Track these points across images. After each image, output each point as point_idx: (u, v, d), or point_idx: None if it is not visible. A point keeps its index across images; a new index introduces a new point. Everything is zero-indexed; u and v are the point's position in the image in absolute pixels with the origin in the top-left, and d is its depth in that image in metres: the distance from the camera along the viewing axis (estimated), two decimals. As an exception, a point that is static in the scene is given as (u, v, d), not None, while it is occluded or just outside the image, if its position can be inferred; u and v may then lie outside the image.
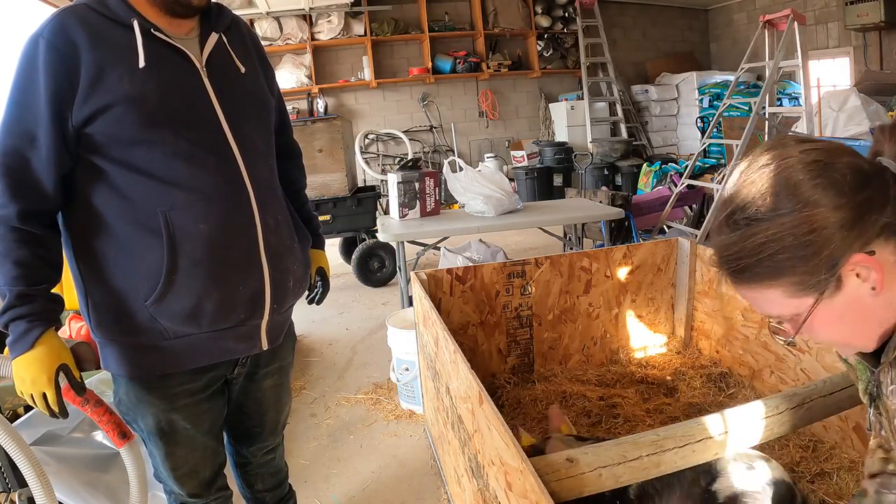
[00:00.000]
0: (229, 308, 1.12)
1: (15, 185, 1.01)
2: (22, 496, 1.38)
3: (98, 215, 1.07)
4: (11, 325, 1.03)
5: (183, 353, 1.13)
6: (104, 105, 1.01)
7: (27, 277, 1.03)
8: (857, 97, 4.84)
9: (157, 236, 1.05)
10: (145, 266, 1.06)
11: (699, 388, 2.23)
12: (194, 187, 1.07)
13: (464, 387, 1.39)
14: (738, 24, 7.50)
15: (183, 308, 1.08)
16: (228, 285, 1.11)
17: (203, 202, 1.08)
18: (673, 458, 1.06)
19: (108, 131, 1.02)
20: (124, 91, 1.02)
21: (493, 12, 6.91)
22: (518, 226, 3.26)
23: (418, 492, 2.00)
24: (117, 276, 1.07)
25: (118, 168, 1.05)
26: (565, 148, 6.69)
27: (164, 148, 1.05)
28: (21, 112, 1.01)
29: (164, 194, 1.05)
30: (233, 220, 1.11)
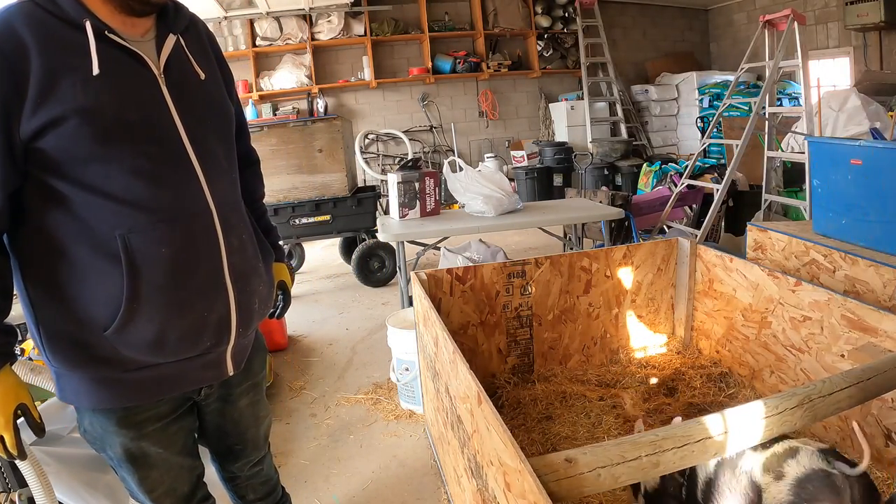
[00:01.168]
0: (195, 336, 1.06)
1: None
2: (22, 496, 1.39)
3: (50, 239, 0.98)
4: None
5: (147, 385, 1.06)
6: (56, 117, 0.92)
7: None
8: (857, 97, 4.84)
9: (115, 261, 0.97)
10: (104, 293, 0.98)
11: (699, 388, 2.23)
12: (155, 208, 0.99)
13: (463, 387, 1.39)
14: (738, 24, 7.50)
15: (146, 338, 1.01)
16: (194, 312, 1.04)
17: (165, 224, 1.00)
18: (672, 458, 1.06)
19: (61, 146, 0.93)
20: (78, 102, 0.92)
21: (493, 12, 6.91)
22: (518, 226, 3.26)
23: (418, 492, 2.00)
24: (73, 304, 0.99)
25: (72, 187, 0.96)
26: (565, 148, 6.69)
27: (122, 165, 0.97)
28: None
29: (122, 216, 0.97)
30: (196, 243, 1.04)
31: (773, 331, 2.07)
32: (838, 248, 2.04)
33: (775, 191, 4.32)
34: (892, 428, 1.60)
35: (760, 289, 2.11)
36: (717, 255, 2.33)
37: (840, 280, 2.04)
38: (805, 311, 1.91)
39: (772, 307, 2.06)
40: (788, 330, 2.00)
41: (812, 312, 1.88)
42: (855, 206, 2.05)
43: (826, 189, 2.18)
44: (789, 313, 1.98)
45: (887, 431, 1.61)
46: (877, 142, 2.37)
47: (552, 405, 2.20)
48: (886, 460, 1.63)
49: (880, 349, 1.60)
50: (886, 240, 1.93)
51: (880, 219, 1.95)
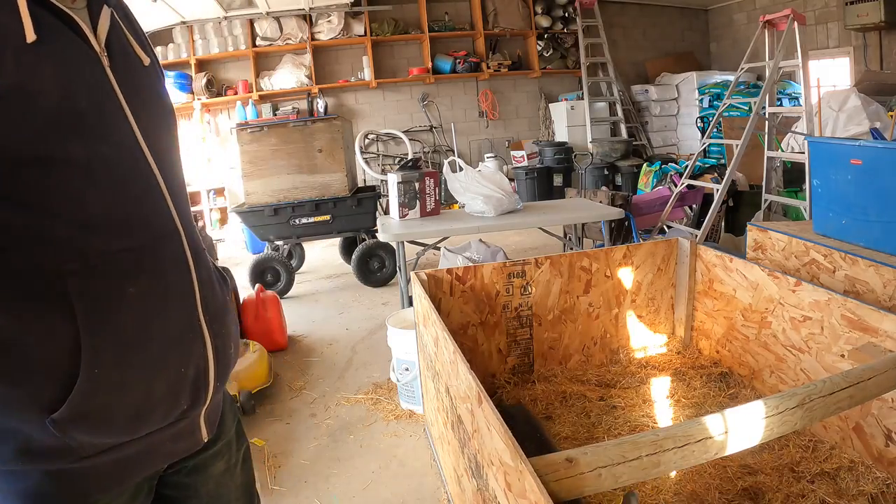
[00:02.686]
0: (171, 400, 0.78)
1: None
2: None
3: None
4: None
5: (106, 472, 0.76)
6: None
7: None
8: (857, 97, 4.84)
9: (64, 312, 0.68)
10: (44, 361, 0.68)
11: (699, 388, 2.23)
12: (116, 231, 0.72)
13: (463, 387, 1.39)
14: (738, 24, 7.50)
15: (110, 414, 0.72)
16: (169, 370, 0.77)
17: (129, 253, 0.73)
18: (673, 457, 1.06)
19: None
20: (9, 76, 0.62)
21: (493, 12, 6.91)
22: (518, 226, 3.26)
23: (418, 492, 2.00)
24: (4, 383, 0.68)
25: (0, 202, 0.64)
26: (565, 148, 6.69)
27: (72, 170, 0.68)
28: None
29: (73, 243, 0.68)
30: (167, 277, 0.78)
31: (773, 331, 2.07)
32: (838, 248, 2.05)
33: (775, 191, 4.32)
34: (892, 428, 1.60)
35: (760, 289, 2.11)
36: (717, 255, 2.33)
37: (840, 280, 2.04)
38: (805, 311, 1.91)
39: (772, 307, 2.06)
40: (788, 330, 2.00)
41: (812, 312, 1.88)
42: (855, 206, 2.05)
43: (826, 189, 2.18)
44: (789, 313, 1.98)
45: (887, 431, 1.62)
46: (877, 142, 2.37)
47: (552, 405, 2.20)
48: (886, 460, 1.63)
49: (880, 349, 1.60)
50: (886, 240, 1.94)
51: (880, 219, 1.95)
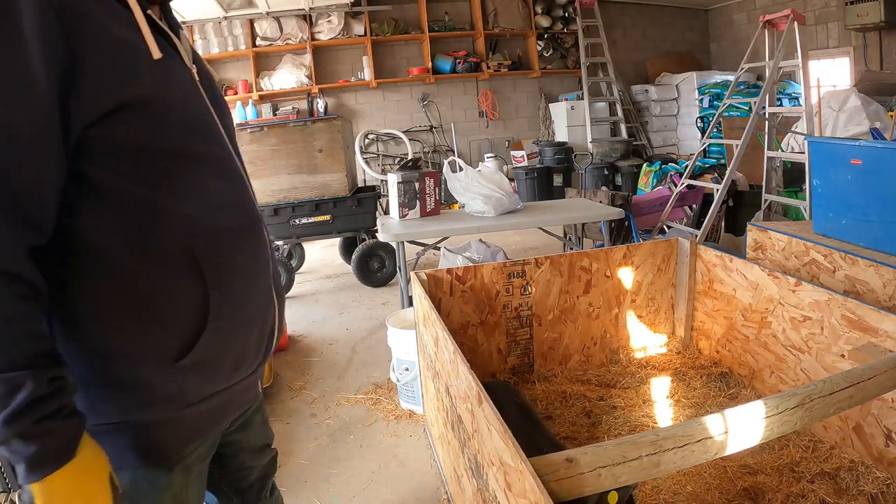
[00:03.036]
0: (255, 353, 0.95)
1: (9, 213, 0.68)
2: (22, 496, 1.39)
3: (107, 256, 0.77)
4: (36, 427, 0.68)
5: (204, 419, 0.91)
6: (126, 100, 0.74)
7: (51, 353, 0.71)
8: (857, 97, 4.84)
9: (193, 275, 0.82)
10: (176, 315, 0.82)
11: (699, 388, 2.23)
12: (227, 214, 0.88)
13: (463, 387, 1.39)
14: (738, 24, 7.50)
15: (219, 362, 0.88)
16: (257, 327, 0.94)
17: (237, 231, 0.89)
18: (673, 458, 1.06)
19: (130, 136, 0.75)
20: (147, 86, 0.76)
21: (493, 12, 6.91)
22: (518, 226, 3.26)
23: (418, 492, 2.00)
24: (131, 334, 0.80)
25: (139, 187, 0.78)
26: (565, 148, 6.69)
27: (196, 163, 0.84)
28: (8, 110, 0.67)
29: (198, 222, 0.83)
30: (257, 252, 0.94)
31: (773, 331, 2.07)
32: (838, 248, 2.05)
33: (775, 191, 4.32)
34: (892, 428, 1.60)
35: (760, 289, 2.11)
36: (717, 255, 2.33)
37: (840, 280, 2.04)
38: (805, 311, 1.91)
39: (772, 307, 2.06)
40: (788, 330, 2.00)
41: (812, 312, 1.88)
42: (855, 206, 2.05)
43: (826, 189, 2.18)
44: (789, 313, 1.98)
45: (887, 431, 1.62)
46: (877, 142, 2.37)
47: (552, 405, 2.20)
48: (886, 460, 1.63)
49: (880, 349, 1.60)
50: (886, 240, 1.94)
51: (880, 219, 1.95)
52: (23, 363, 0.68)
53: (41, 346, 0.70)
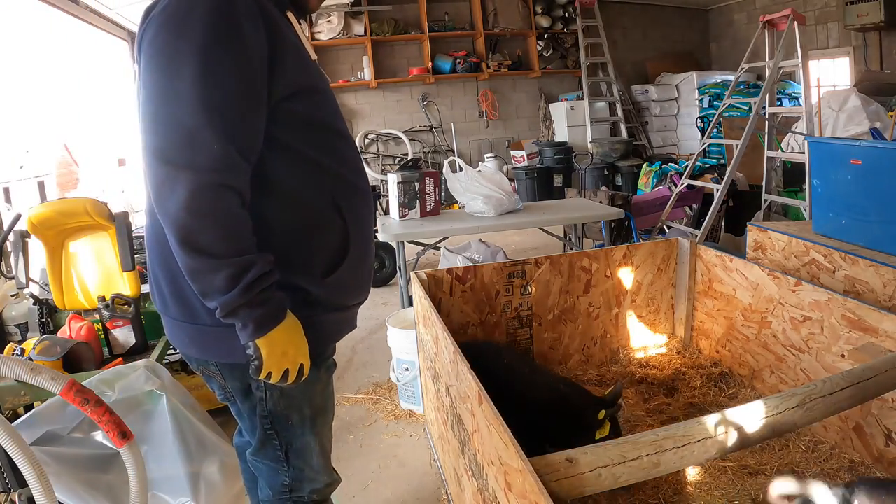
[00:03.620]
0: (369, 282, 1.26)
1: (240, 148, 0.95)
2: (22, 496, 1.38)
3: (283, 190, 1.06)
4: (262, 295, 0.96)
5: (340, 325, 1.21)
6: (303, 86, 1.04)
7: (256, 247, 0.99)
8: (857, 97, 4.84)
9: (338, 215, 1.11)
10: (331, 243, 1.11)
11: (699, 388, 2.23)
12: (358, 176, 1.17)
13: (463, 387, 1.39)
14: (738, 24, 7.50)
15: (354, 281, 1.18)
16: (369, 262, 1.24)
17: (363, 191, 1.19)
18: (673, 457, 1.06)
19: (308, 112, 1.06)
20: (312, 79, 1.08)
21: (493, 12, 6.91)
22: (518, 226, 3.26)
23: (418, 492, 2.00)
24: (297, 248, 1.08)
25: (313, 150, 1.07)
26: (565, 148, 6.69)
27: (339, 137, 1.14)
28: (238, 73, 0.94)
29: (347, 181, 1.14)
30: (371, 209, 1.24)
31: (773, 331, 2.07)
32: (838, 248, 2.05)
33: (775, 191, 4.32)
34: (892, 428, 1.60)
35: (760, 289, 2.11)
36: (717, 255, 2.33)
37: (840, 280, 2.04)
38: (805, 311, 1.91)
39: (772, 307, 2.06)
40: (788, 330, 2.00)
41: (812, 312, 1.88)
42: (855, 206, 2.05)
43: (826, 189, 2.18)
44: (789, 313, 1.98)
45: (887, 431, 1.62)
46: (877, 142, 2.37)
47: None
48: (886, 460, 1.63)
49: (880, 349, 1.60)
50: (886, 240, 1.93)
51: (880, 219, 1.95)
52: (249, 250, 0.96)
53: (253, 242, 0.97)
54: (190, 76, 0.91)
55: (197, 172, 0.91)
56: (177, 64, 0.91)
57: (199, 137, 0.91)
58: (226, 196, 0.93)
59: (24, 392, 1.79)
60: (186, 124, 0.91)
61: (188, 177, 0.91)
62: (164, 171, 0.92)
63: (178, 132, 0.91)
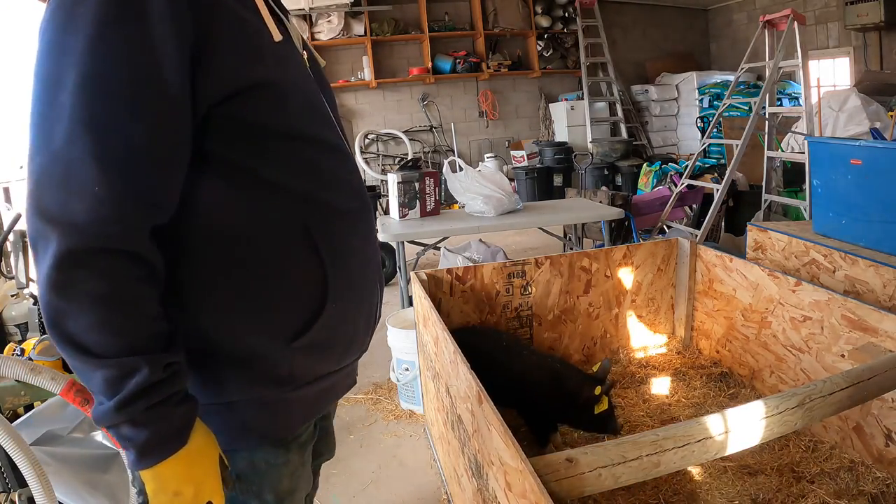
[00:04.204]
0: (362, 337, 0.96)
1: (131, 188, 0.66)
2: (22, 496, 1.38)
3: (231, 232, 0.77)
4: (148, 413, 0.67)
5: (313, 401, 0.91)
6: (253, 81, 0.75)
7: (168, 337, 0.71)
8: (857, 97, 4.84)
9: (312, 252, 0.82)
10: (299, 293, 0.82)
11: (699, 388, 2.23)
12: (345, 196, 0.88)
13: (463, 387, 1.39)
14: (738, 24, 7.50)
15: (334, 343, 0.88)
16: (366, 310, 0.94)
17: (352, 213, 0.89)
18: (673, 457, 1.06)
19: (254, 116, 0.76)
20: (269, 68, 0.77)
21: (493, 12, 6.91)
22: (518, 226, 3.26)
23: (418, 492, 2.00)
24: (249, 311, 0.79)
25: (262, 166, 0.78)
26: (565, 148, 6.69)
27: (315, 146, 0.84)
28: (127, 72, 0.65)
29: (320, 203, 0.83)
30: (369, 236, 0.94)
31: (773, 331, 2.07)
32: (838, 248, 2.05)
33: (775, 191, 4.32)
34: (892, 428, 1.60)
35: (760, 289, 2.11)
36: (717, 255, 2.33)
37: (840, 280, 2.04)
38: (805, 311, 1.91)
39: (772, 307, 2.06)
40: (788, 330, 2.00)
41: (812, 312, 1.88)
42: (855, 206, 2.05)
43: (826, 189, 2.18)
44: (789, 313, 1.98)
45: (887, 431, 1.62)
46: (877, 142, 2.37)
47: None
48: (886, 460, 1.63)
49: (880, 349, 1.60)
50: (886, 240, 1.94)
51: (880, 219, 1.95)
52: (138, 347, 0.67)
53: (158, 329, 0.70)
54: (71, 84, 0.63)
55: (69, 229, 0.63)
56: (59, 67, 0.65)
57: (76, 174, 0.63)
58: (108, 266, 0.65)
59: (24, 392, 1.79)
60: (61, 154, 0.64)
61: (58, 236, 0.64)
62: (34, 225, 0.65)
63: (53, 166, 0.64)
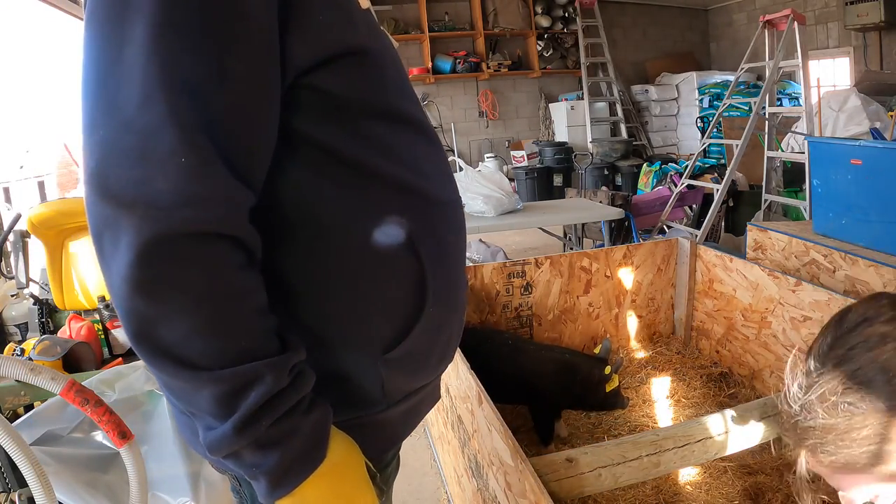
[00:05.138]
0: (454, 345, 0.81)
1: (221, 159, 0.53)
2: (22, 496, 1.38)
3: (307, 224, 0.64)
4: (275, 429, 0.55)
5: (398, 423, 0.77)
6: (344, 47, 0.62)
7: (277, 332, 0.58)
8: (857, 97, 4.84)
9: (409, 252, 0.68)
10: (395, 296, 0.68)
11: (699, 388, 2.23)
12: (440, 184, 0.74)
13: (463, 387, 1.39)
14: (738, 24, 7.50)
15: (428, 354, 0.74)
16: (461, 315, 0.80)
17: (451, 206, 0.76)
18: (673, 457, 1.06)
19: (351, 88, 0.63)
20: (361, 35, 0.64)
21: (493, 12, 6.91)
22: (518, 226, 3.26)
23: (418, 492, 2.00)
24: (346, 315, 0.66)
25: (357, 148, 0.64)
26: (565, 148, 6.69)
27: (412, 129, 0.70)
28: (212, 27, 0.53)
29: (415, 193, 0.69)
30: (463, 230, 0.80)
31: (773, 331, 2.07)
32: (838, 248, 2.05)
33: (775, 191, 4.32)
34: (892, 428, 1.60)
35: (760, 289, 2.11)
36: (717, 255, 2.33)
37: (840, 280, 2.04)
38: (805, 311, 1.91)
39: (772, 307, 2.06)
40: (788, 330, 2.00)
41: (812, 312, 1.88)
42: (855, 206, 2.05)
43: (826, 189, 2.18)
44: (789, 313, 1.98)
45: (887, 431, 1.61)
46: (877, 142, 2.37)
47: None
48: (886, 460, 1.63)
49: (880, 349, 1.60)
50: (886, 240, 1.93)
51: (880, 219, 1.95)
52: (256, 351, 0.54)
53: (270, 326, 0.57)
54: (142, 36, 0.50)
55: (151, 213, 0.50)
56: (122, 19, 0.51)
57: (155, 144, 0.50)
58: (205, 255, 0.52)
59: (24, 392, 1.79)
60: (134, 122, 0.50)
61: (137, 223, 0.50)
62: (99, 214, 0.51)
63: (123, 137, 0.51)
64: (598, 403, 1.92)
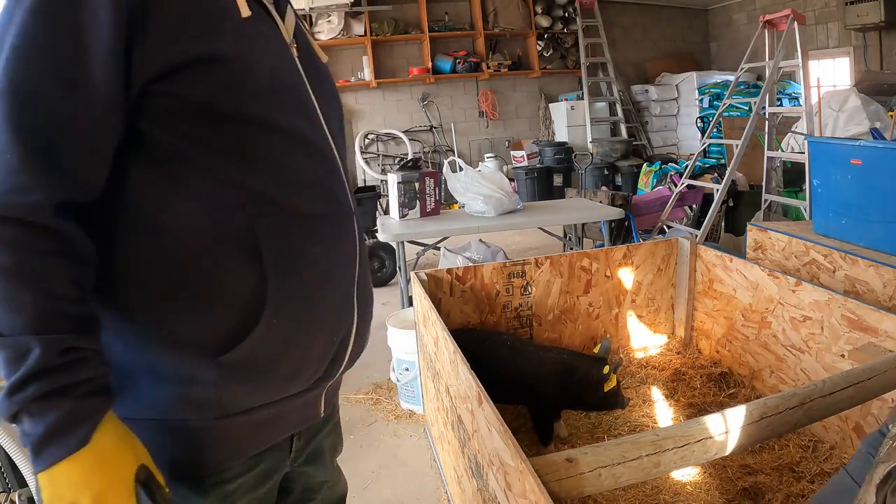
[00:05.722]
0: (318, 365, 0.81)
1: (45, 157, 0.61)
2: (22, 496, 1.39)
3: (148, 222, 0.68)
4: (41, 403, 0.59)
5: (242, 437, 0.77)
6: (200, 54, 0.66)
7: (80, 321, 0.62)
8: (857, 97, 4.84)
9: (252, 259, 0.71)
10: (229, 303, 0.71)
11: (699, 388, 2.23)
12: (308, 196, 0.76)
13: (463, 387, 1.39)
14: (738, 24, 7.50)
15: (274, 367, 0.75)
16: (324, 334, 0.80)
17: (318, 218, 0.77)
18: (673, 457, 1.06)
19: (199, 94, 0.67)
20: (228, 42, 0.68)
21: (493, 12, 6.91)
22: (518, 226, 3.26)
23: (418, 492, 2.00)
24: (179, 319, 0.70)
25: (203, 154, 0.69)
26: (565, 148, 6.69)
27: (276, 135, 0.73)
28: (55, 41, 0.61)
29: (267, 199, 0.72)
30: (342, 245, 0.81)
31: (773, 331, 2.07)
32: (838, 248, 2.05)
33: (775, 191, 4.32)
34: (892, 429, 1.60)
35: (760, 289, 2.11)
36: (717, 255, 2.33)
37: (840, 280, 2.04)
38: (805, 311, 1.91)
39: (772, 307, 2.06)
40: (788, 330, 2.00)
41: (812, 312, 1.88)
42: (855, 206, 2.05)
43: (826, 189, 2.18)
44: (789, 313, 1.98)
45: (887, 431, 1.61)
46: (877, 142, 2.37)
47: (552, 405, 2.20)
48: (886, 460, 1.63)
49: (880, 349, 1.60)
50: (886, 240, 1.94)
51: (880, 219, 1.95)
52: (36, 327, 0.59)
53: (64, 310, 0.61)
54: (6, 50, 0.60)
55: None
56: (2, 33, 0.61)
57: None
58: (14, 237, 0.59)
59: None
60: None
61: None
62: None
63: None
64: (597, 403, 1.93)
